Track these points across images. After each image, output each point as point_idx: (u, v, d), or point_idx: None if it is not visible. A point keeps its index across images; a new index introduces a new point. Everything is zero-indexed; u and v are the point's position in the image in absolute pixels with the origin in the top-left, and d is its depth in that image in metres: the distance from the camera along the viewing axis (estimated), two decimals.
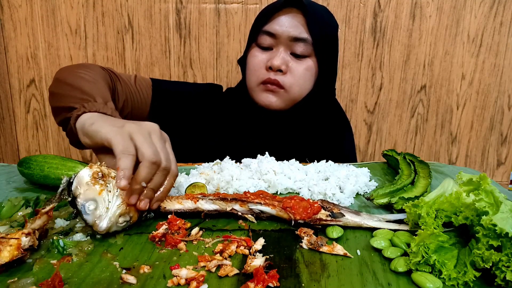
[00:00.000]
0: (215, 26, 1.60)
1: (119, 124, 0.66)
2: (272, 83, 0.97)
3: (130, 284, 0.48)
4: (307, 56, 0.97)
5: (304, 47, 0.96)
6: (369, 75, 1.67)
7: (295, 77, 0.97)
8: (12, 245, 0.50)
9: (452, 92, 1.70)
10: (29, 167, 0.77)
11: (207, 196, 0.66)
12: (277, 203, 0.65)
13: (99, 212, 0.58)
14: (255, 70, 0.99)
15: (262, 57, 0.98)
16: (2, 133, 1.72)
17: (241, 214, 0.65)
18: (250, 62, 1.01)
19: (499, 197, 0.51)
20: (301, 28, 0.95)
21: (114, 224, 0.58)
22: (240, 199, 0.65)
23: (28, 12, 1.58)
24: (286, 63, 0.96)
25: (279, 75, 0.96)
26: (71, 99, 0.77)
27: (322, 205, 0.64)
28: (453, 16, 1.61)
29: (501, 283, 0.48)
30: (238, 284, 0.48)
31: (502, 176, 1.82)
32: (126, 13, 1.58)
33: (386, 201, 0.70)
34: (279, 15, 0.96)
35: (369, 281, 0.50)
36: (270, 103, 0.99)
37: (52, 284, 0.46)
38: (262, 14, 1.00)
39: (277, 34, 0.96)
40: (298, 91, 0.99)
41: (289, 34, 0.95)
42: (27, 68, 1.64)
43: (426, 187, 0.75)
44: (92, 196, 0.58)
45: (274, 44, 0.97)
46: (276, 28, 0.95)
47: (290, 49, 0.97)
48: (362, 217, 0.64)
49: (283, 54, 0.96)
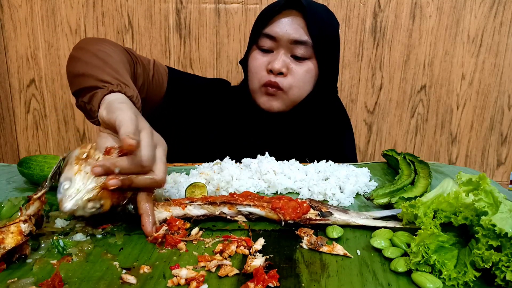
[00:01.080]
0: (215, 26, 1.60)
1: (139, 120, 0.65)
2: (272, 86, 0.97)
3: (130, 284, 0.48)
4: (307, 58, 0.97)
5: (305, 49, 0.96)
6: (369, 75, 1.67)
7: (295, 79, 0.98)
8: (13, 232, 0.51)
9: (452, 92, 1.70)
10: (29, 167, 0.77)
11: (195, 202, 0.65)
12: (266, 204, 0.64)
13: (69, 192, 0.56)
14: (256, 73, 1.00)
15: (263, 59, 0.99)
16: (2, 133, 1.72)
17: (231, 218, 0.64)
18: (251, 65, 1.01)
19: (499, 197, 0.51)
20: (301, 31, 0.95)
21: (80, 208, 0.56)
22: (228, 202, 0.64)
23: (28, 12, 1.58)
24: (286, 66, 0.96)
25: (279, 77, 0.97)
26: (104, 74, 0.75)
27: (310, 205, 0.64)
28: (453, 16, 1.61)
29: (501, 283, 0.48)
30: (238, 284, 0.48)
31: (502, 176, 1.82)
32: (126, 13, 1.58)
33: (386, 201, 0.70)
34: (279, 18, 0.96)
35: (369, 281, 0.50)
36: (271, 106, 1.00)
37: (52, 284, 0.46)
38: (262, 16, 1.00)
39: (277, 37, 0.96)
40: (297, 92, 0.99)
41: (289, 37, 0.95)
42: (27, 68, 1.64)
43: (426, 187, 0.75)
44: (69, 176, 0.57)
45: (274, 46, 0.98)
46: (277, 31, 0.96)
47: (291, 52, 0.97)
48: (350, 215, 0.65)
49: (284, 57, 0.96)
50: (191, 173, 0.82)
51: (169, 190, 0.77)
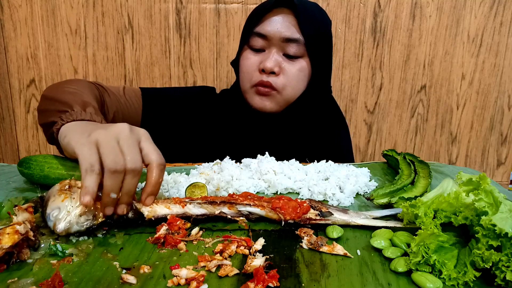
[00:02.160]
0: (215, 26, 1.60)
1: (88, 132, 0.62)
2: (265, 86, 0.96)
3: (130, 284, 0.48)
4: (300, 56, 0.97)
5: (297, 47, 0.95)
6: (369, 75, 1.67)
7: (288, 78, 0.97)
8: (9, 232, 0.51)
9: (452, 92, 1.70)
10: (29, 167, 0.77)
11: (195, 200, 0.65)
12: (266, 204, 0.64)
13: (59, 216, 0.58)
14: (248, 73, 0.99)
15: (255, 59, 0.98)
16: (2, 133, 1.72)
17: (231, 217, 0.64)
18: (242, 65, 1.00)
19: (499, 197, 0.51)
20: (293, 29, 0.94)
21: (73, 224, 0.57)
22: (228, 202, 0.64)
23: (28, 12, 1.58)
24: (278, 65, 0.96)
25: (272, 77, 0.96)
26: (52, 114, 0.75)
27: (310, 205, 0.64)
28: (453, 16, 1.61)
29: (501, 283, 0.48)
30: (238, 284, 0.48)
31: (502, 176, 1.82)
32: (126, 13, 1.58)
33: (386, 201, 0.70)
34: (270, 16, 0.95)
35: (369, 281, 0.50)
36: (264, 106, 0.99)
37: (52, 284, 0.46)
38: (253, 15, 0.99)
39: (268, 36, 0.95)
40: (291, 92, 0.98)
41: (280, 35, 0.94)
42: (27, 68, 1.64)
43: (426, 187, 0.75)
44: (57, 205, 0.59)
45: (266, 45, 0.97)
46: (268, 29, 0.95)
47: (283, 50, 0.96)
48: (349, 215, 0.65)
49: (276, 56, 0.96)
50: (191, 173, 0.82)
51: (169, 190, 0.77)
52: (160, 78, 1.64)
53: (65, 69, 1.64)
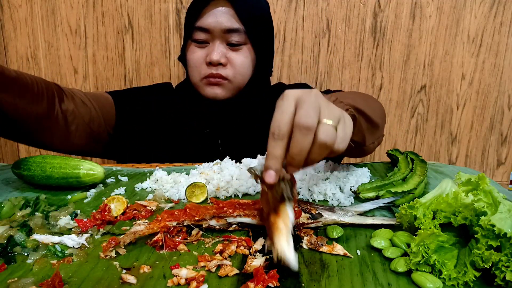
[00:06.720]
0: None
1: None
2: (214, 77, 1.00)
3: (130, 284, 0.48)
4: (243, 43, 1.00)
5: (239, 36, 0.98)
6: (369, 75, 1.67)
7: (236, 68, 1.00)
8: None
9: (452, 92, 1.70)
10: (28, 168, 0.77)
11: (183, 222, 0.60)
12: (257, 212, 0.62)
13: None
14: (196, 67, 1.02)
15: (201, 52, 1.01)
16: None
17: (218, 228, 0.61)
18: (190, 59, 1.03)
19: (498, 197, 0.51)
20: (232, 19, 0.97)
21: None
22: (217, 216, 0.61)
23: (28, 12, 1.58)
24: (224, 56, 0.99)
25: (220, 68, 0.99)
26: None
27: (301, 208, 0.63)
28: (453, 16, 1.61)
29: (501, 283, 0.48)
30: (238, 284, 0.48)
31: (502, 176, 1.82)
32: (126, 13, 1.58)
33: (373, 195, 0.70)
34: (209, 9, 0.98)
35: (369, 281, 0.50)
36: (216, 94, 1.02)
37: (52, 284, 0.46)
38: (191, 10, 1.01)
39: (210, 29, 0.98)
40: (241, 79, 1.02)
41: (221, 26, 0.97)
42: (27, 68, 1.64)
43: (417, 184, 0.75)
44: None
45: (209, 38, 0.99)
46: (209, 22, 0.97)
47: (226, 40, 0.99)
48: (338, 214, 0.64)
49: (220, 48, 0.99)
50: (191, 173, 0.82)
51: (169, 190, 0.77)
52: (160, 78, 1.64)
53: (65, 69, 1.64)
